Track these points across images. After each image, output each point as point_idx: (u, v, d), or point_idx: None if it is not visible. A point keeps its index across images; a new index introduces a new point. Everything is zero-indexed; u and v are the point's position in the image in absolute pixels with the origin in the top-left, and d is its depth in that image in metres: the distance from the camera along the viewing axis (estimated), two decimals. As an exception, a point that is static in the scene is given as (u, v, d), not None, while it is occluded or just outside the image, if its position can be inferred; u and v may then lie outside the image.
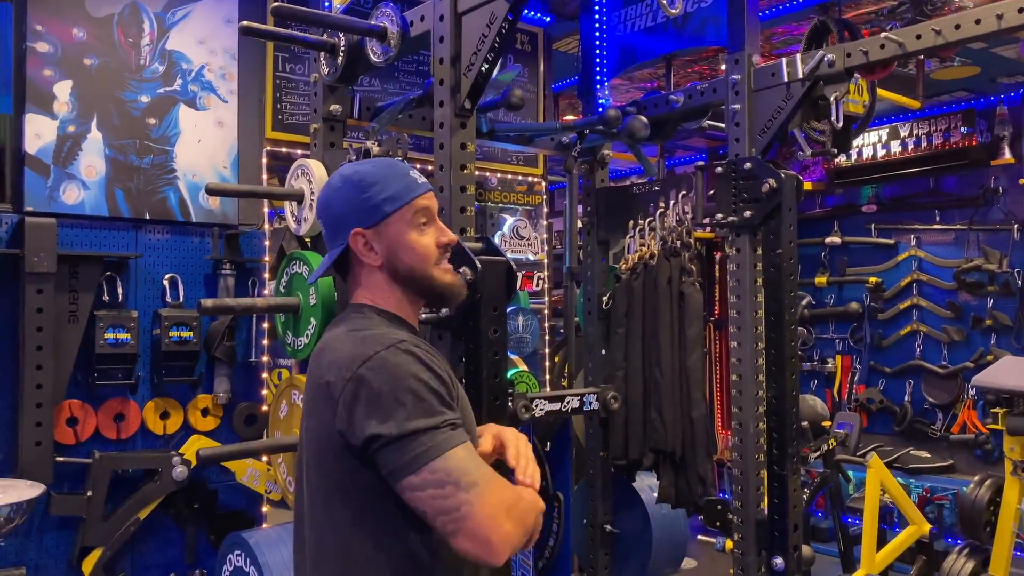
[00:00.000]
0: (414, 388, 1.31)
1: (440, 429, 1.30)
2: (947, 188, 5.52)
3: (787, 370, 2.51)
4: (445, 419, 1.31)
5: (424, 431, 1.29)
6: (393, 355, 1.34)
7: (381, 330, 1.42)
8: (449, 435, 1.30)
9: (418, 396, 1.31)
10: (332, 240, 1.53)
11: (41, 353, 2.75)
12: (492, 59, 2.04)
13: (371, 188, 1.48)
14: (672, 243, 2.79)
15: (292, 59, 3.39)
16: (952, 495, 4.83)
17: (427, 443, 1.28)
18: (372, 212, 1.48)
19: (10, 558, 2.78)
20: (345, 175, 1.52)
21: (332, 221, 1.52)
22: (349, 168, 1.53)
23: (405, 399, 1.30)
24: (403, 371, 1.33)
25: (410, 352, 1.36)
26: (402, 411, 1.29)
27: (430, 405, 1.31)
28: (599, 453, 2.99)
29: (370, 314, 1.49)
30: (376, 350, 1.34)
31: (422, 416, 1.29)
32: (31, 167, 2.85)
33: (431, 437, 1.28)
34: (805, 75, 2.51)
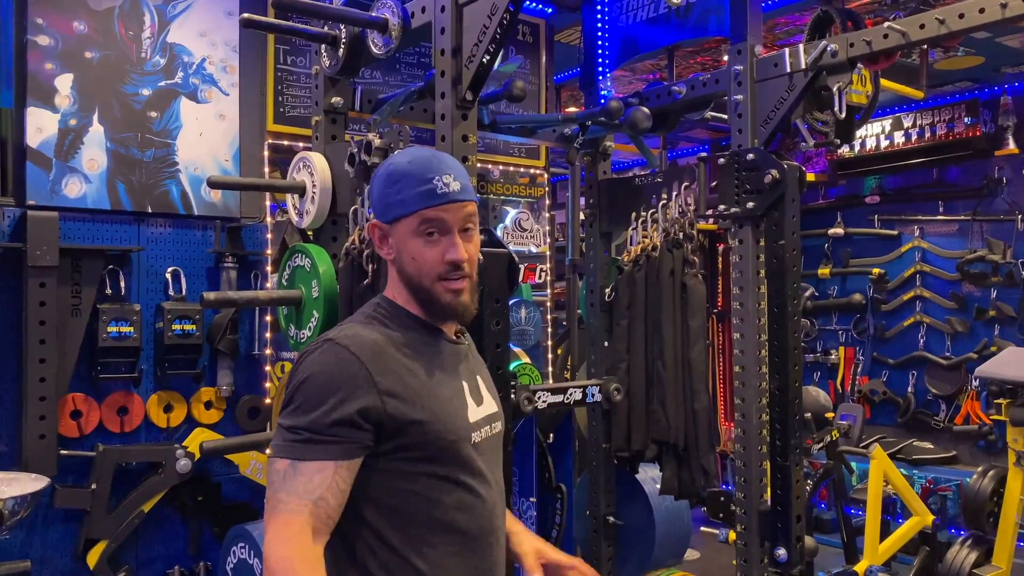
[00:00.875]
0: (298, 389, 1.35)
1: (288, 433, 1.33)
2: (951, 179, 5.50)
3: (790, 361, 2.51)
4: (304, 426, 1.32)
5: (281, 427, 1.35)
6: (317, 353, 1.38)
7: (346, 325, 1.46)
8: (290, 446, 1.32)
9: (296, 395, 1.35)
10: None
11: (44, 347, 2.75)
12: (494, 50, 2.03)
13: (393, 185, 1.46)
14: (675, 235, 2.78)
15: (293, 51, 3.38)
16: (955, 486, 4.83)
17: (276, 439, 1.35)
18: (387, 210, 1.47)
19: (15, 551, 2.79)
20: (387, 163, 1.52)
21: (371, 202, 1.55)
22: (396, 156, 1.52)
23: (289, 395, 1.36)
24: (309, 370, 1.36)
25: (330, 353, 1.37)
26: (286, 401, 1.36)
27: (302, 408, 1.34)
28: (602, 445, 2.99)
29: (372, 307, 1.50)
30: (317, 343, 1.40)
31: (289, 416, 1.34)
32: (33, 161, 2.84)
33: (279, 435, 1.34)
34: (808, 65, 2.50)
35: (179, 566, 3.13)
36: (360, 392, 1.33)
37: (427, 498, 1.40)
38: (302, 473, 1.30)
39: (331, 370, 1.34)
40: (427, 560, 1.38)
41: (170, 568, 3.11)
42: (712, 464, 2.73)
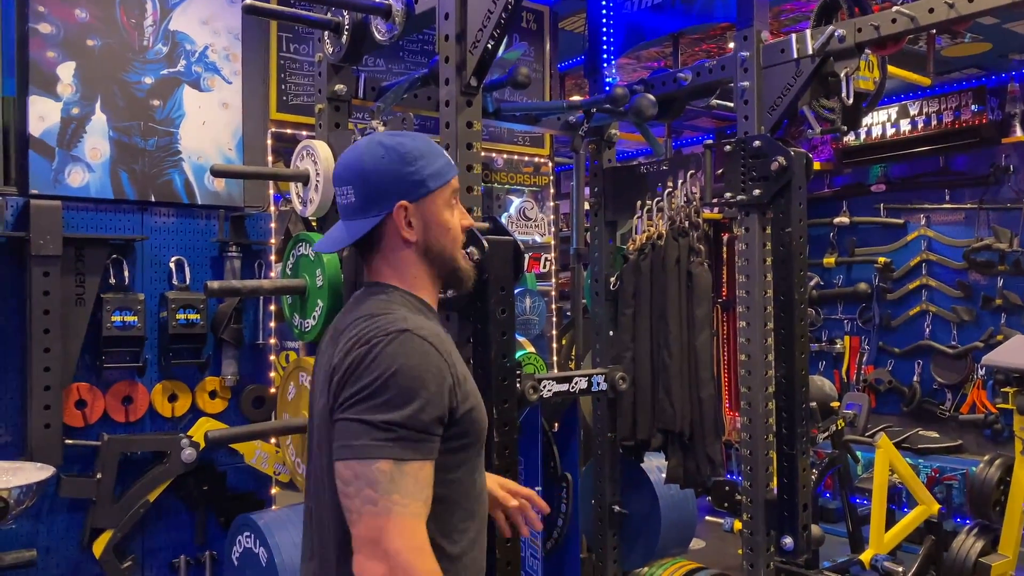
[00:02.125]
0: (388, 381, 1.26)
1: (379, 431, 1.24)
2: (957, 167, 5.47)
3: (796, 350, 2.50)
4: (397, 422, 1.24)
5: (364, 423, 1.25)
6: (396, 343, 1.30)
7: (396, 315, 1.37)
8: (385, 445, 1.23)
9: (385, 389, 1.26)
10: (365, 210, 1.45)
11: (48, 336, 2.75)
12: (498, 36, 2.02)
13: (417, 161, 1.43)
14: (680, 223, 2.77)
15: (296, 39, 3.37)
16: (961, 475, 4.82)
17: (357, 439, 1.25)
18: (417, 186, 1.43)
19: (21, 540, 2.79)
20: (387, 144, 1.44)
21: (370, 190, 1.43)
22: (388, 138, 1.46)
23: (373, 387, 1.26)
24: (393, 362, 1.27)
25: (413, 343, 1.30)
26: (363, 394, 1.26)
27: (392, 404, 1.25)
28: (607, 434, 2.99)
29: (394, 296, 1.44)
30: (379, 335, 1.31)
31: (374, 411, 1.25)
32: (36, 150, 2.83)
33: (366, 434, 1.24)
34: (815, 51, 2.48)
35: (185, 555, 3.13)
36: (446, 387, 1.31)
37: (463, 485, 1.39)
38: (408, 473, 1.24)
39: (418, 363, 1.29)
40: (458, 546, 1.38)
41: (176, 557, 3.12)
42: (718, 453, 2.73)
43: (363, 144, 1.47)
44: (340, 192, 1.47)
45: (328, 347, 1.43)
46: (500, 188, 3.98)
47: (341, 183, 1.46)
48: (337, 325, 1.46)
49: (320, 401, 1.39)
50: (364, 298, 1.46)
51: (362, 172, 1.44)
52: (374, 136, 1.49)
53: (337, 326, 1.46)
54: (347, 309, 1.49)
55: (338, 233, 1.49)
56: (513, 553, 2.00)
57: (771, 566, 2.53)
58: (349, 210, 1.46)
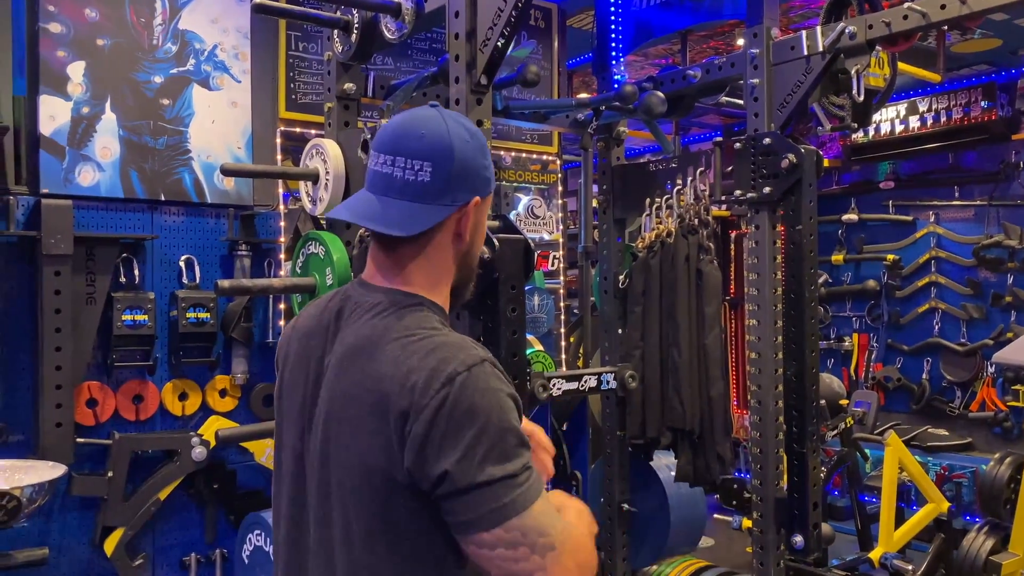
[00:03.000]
0: (502, 423, 1.12)
1: (519, 477, 1.11)
2: (967, 164, 5.44)
3: (807, 347, 2.49)
4: (525, 463, 1.13)
5: (504, 480, 1.10)
6: (483, 377, 1.13)
7: (453, 338, 1.19)
8: (528, 487, 1.12)
9: (503, 433, 1.11)
10: (440, 195, 1.23)
11: (60, 335, 2.76)
12: (508, 34, 2.01)
13: (487, 157, 1.30)
14: (690, 221, 2.76)
15: (305, 38, 3.37)
16: (971, 473, 4.80)
17: (505, 496, 1.10)
18: (487, 184, 1.29)
19: (33, 538, 2.81)
20: (470, 129, 1.28)
21: (454, 175, 1.23)
22: (465, 120, 1.30)
23: (490, 436, 1.10)
24: (494, 400, 1.13)
25: (497, 374, 1.17)
26: (481, 450, 1.10)
27: (513, 446, 1.12)
28: (616, 432, 2.99)
29: (433, 312, 1.25)
30: (460, 369, 1.12)
31: (504, 460, 1.11)
32: (46, 149, 2.84)
33: (511, 488, 1.10)
34: (825, 48, 2.47)
35: (195, 553, 3.14)
36: (520, 409, 1.21)
37: None
38: (547, 500, 1.16)
39: (509, 390, 1.17)
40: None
41: (186, 555, 3.13)
42: (727, 451, 2.72)
43: (439, 118, 1.26)
44: (407, 165, 1.22)
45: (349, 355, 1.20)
46: (508, 186, 3.97)
47: (413, 155, 1.22)
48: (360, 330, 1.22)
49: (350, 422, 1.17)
50: (390, 307, 1.23)
51: (449, 151, 1.23)
52: (446, 113, 1.28)
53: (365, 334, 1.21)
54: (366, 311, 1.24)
55: (400, 212, 1.22)
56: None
57: (781, 564, 2.53)
58: (416, 189, 1.22)
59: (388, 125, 1.28)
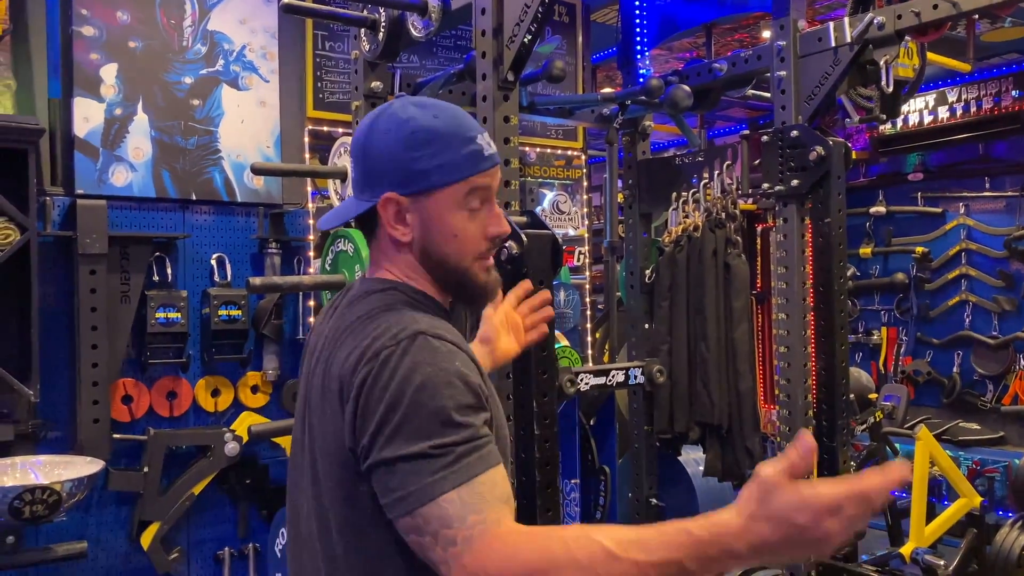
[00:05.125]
0: (420, 398, 1.04)
1: (436, 459, 1.02)
2: (997, 154, 5.37)
3: (836, 341, 2.48)
4: (450, 441, 1.03)
5: (415, 458, 1.02)
6: (412, 351, 1.07)
7: (398, 315, 1.15)
8: (449, 471, 1.02)
9: (418, 409, 1.04)
10: (361, 190, 1.23)
11: (96, 333, 2.81)
12: (535, 30, 2.02)
13: (424, 147, 1.17)
14: (717, 214, 2.76)
15: (331, 37, 3.40)
16: (1003, 467, 4.74)
17: (416, 479, 1.01)
18: (416, 178, 1.17)
19: (72, 532, 2.87)
20: (401, 116, 1.19)
21: (366, 169, 1.21)
22: (407, 108, 1.20)
23: (403, 411, 1.04)
24: (416, 374, 1.05)
25: (432, 347, 1.09)
26: (390, 426, 1.04)
27: (435, 424, 1.04)
28: (644, 427, 2.99)
29: (395, 295, 1.21)
30: (388, 344, 1.08)
31: (417, 438, 1.03)
32: (81, 150, 2.89)
33: (423, 470, 1.02)
34: (853, 39, 2.45)
35: (229, 547, 3.19)
36: (478, 384, 1.11)
37: None
38: (482, 483, 1.02)
39: (447, 364, 1.08)
40: None
41: (220, 549, 3.18)
42: (756, 446, 2.72)
43: (383, 109, 1.23)
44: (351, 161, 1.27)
45: (326, 347, 1.20)
46: (533, 182, 3.98)
47: (351, 154, 1.27)
48: (335, 323, 1.22)
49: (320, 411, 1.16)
50: (361, 295, 1.23)
51: (363, 144, 1.21)
52: (405, 100, 1.23)
53: (336, 325, 1.21)
54: (344, 303, 1.26)
55: (337, 209, 1.30)
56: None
57: (810, 559, 2.52)
58: (352, 185, 1.26)
59: None
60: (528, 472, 2.00)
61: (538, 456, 2.00)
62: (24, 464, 2.61)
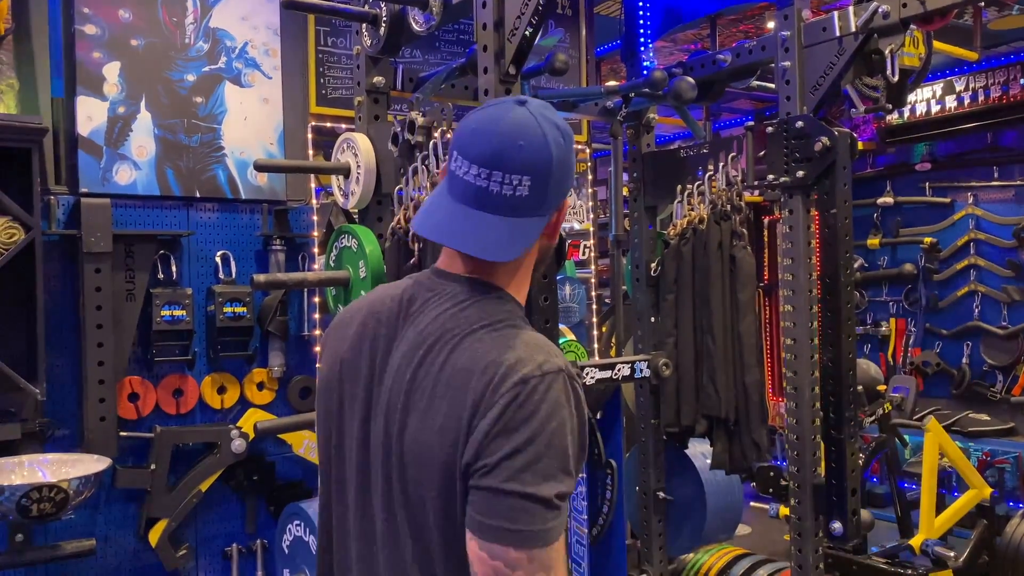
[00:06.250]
0: (555, 440, 1.05)
1: (551, 508, 1.04)
2: (1006, 143, 5.33)
3: (843, 333, 2.47)
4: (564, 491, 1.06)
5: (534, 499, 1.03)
6: (556, 389, 1.07)
7: (535, 339, 1.13)
8: (555, 524, 1.05)
9: (551, 451, 1.05)
10: (537, 208, 1.16)
11: (101, 331, 2.82)
12: (536, 22, 2.01)
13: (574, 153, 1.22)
14: (722, 206, 2.74)
15: (333, 33, 3.39)
16: (1014, 458, 4.72)
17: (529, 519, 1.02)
18: (571, 183, 1.23)
19: (80, 529, 2.88)
20: (563, 129, 1.17)
21: (552, 185, 1.15)
22: (551, 113, 1.18)
23: (537, 448, 1.04)
24: (557, 415, 1.06)
25: (569, 391, 1.09)
26: (523, 458, 1.04)
27: (556, 469, 1.05)
28: (650, 421, 2.98)
29: (512, 305, 1.19)
30: (537, 373, 1.07)
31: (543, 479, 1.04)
32: (84, 149, 2.90)
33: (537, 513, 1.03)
34: (858, 28, 2.43)
35: (237, 543, 3.20)
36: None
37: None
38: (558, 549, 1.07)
39: (577, 415, 1.09)
40: None
41: (228, 545, 3.19)
42: (763, 438, 2.70)
43: (535, 124, 1.14)
44: (505, 180, 1.13)
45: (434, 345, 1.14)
46: (538, 176, 3.97)
47: (513, 170, 1.12)
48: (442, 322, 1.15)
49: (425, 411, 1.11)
50: (471, 299, 1.17)
51: (548, 163, 1.14)
52: (538, 113, 1.16)
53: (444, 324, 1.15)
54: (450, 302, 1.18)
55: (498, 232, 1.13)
56: (560, 539, 2.01)
57: (819, 551, 2.51)
58: (514, 203, 1.13)
59: (478, 128, 1.16)
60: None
61: (543, 451, 1.99)
62: (31, 462, 2.62)
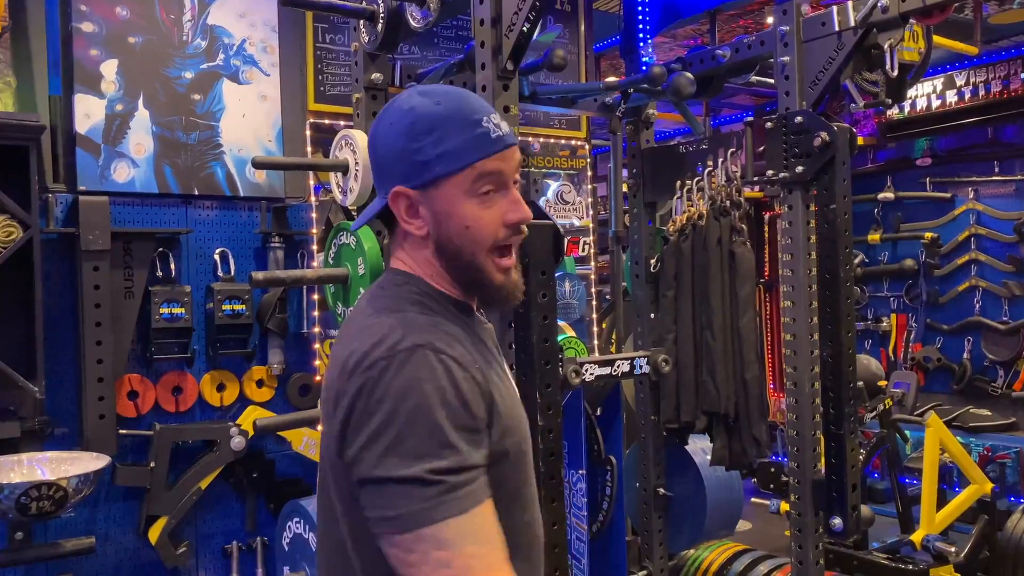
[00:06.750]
0: (417, 417, 1.01)
1: (432, 486, 1.00)
2: (1006, 138, 5.32)
3: (843, 328, 2.46)
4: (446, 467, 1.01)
5: (408, 482, 1.00)
6: (411, 365, 1.04)
7: (400, 319, 1.11)
8: (445, 499, 1.00)
9: (414, 428, 1.01)
10: (379, 186, 1.22)
11: (100, 329, 2.81)
12: (534, 18, 2.00)
13: (425, 136, 1.13)
14: (721, 202, 2.73)
15: (332, 29, 3.38)
16: (1015, 453, 4.72)
17: (407, 502, 1.00)
18: (420, 169, 1.13)
19: (80, 527, 2.88)
20: (405, 107, 1.16)
21: (377, 164, 1.20)
22: (412, 97, 1.17)
23: (397, 429, 1.01)
24: (414, 391, 1.02)
25: (431, 364, 1.05)
26: (384, 442, 1.01)
27: (429, 446, 1.01)
28: (650, 417, 2.98)
29: (407, 290, 1.18)
30: (386, 353, 1.05)
31: (412, 459, 1.00)
32: (82, 147, 2.89)
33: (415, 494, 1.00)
34: (857, 23, 2.42)
35: (237, 541, 3.20)
36: (483, 404, 1.08)
37: (509, 527, 1.10)
38: (475, 516, 1.02)
39: (445, 385, 1.04)
40: None
41: (228, 543, 3.19)
42: (763, 434, 2.70)
43: (391, 102, 1.20)
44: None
45: (338, 342, 1.19)
46: (537, 172, 3.96)
47: (368, 152, 1.25)
48: (350, 315, 1.22)
49: (328, 421, 1.13)
50: (377, 288, 1.21)
51: (372, 140, 1.20)
52: (412, 90, 1.20)
53: (349, 317, 1.21)
54: (363, 296, 1.25)
55: (365, 209, 1.28)
56: (559, 536, 2.01)
57: (820, 547, 2.51)
58: (375, 183, 1.24)
59: None
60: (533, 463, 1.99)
61: (542, 447, 1.99)
62: (31, 460, 2.62)
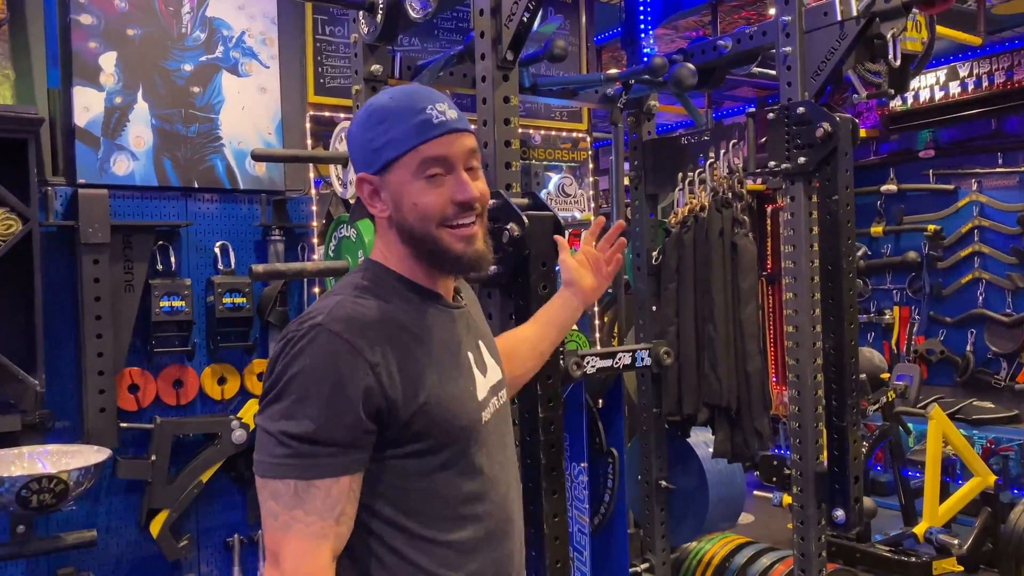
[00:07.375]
0: (298, 384, 1.14)
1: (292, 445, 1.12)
2: (1010, 129, 5.30)
3: (845, 320, 2.45)
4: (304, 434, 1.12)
5: (277, 436, 1.13)
6: (307, 342, 1.16)
7: (328, 301, 1.23)
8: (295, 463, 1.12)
9: (289, 393, 1.14)
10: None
11: (100, 322, 2.81)
12: (533, 8, 1.99)
13: (377, 127, 1.26)
14: (723, 194, 2.72)
15: (331, 21, 3.37)
16: (1018, 446, 4.71)
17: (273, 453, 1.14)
18: (374, 157, 1.26)
19: (82, 520, 2.88)
20: (366, 107, 1.30)
21: (351, 159, 1.34)
22: (376, 98, 1.30)
23: (280, 388, 1.15)
24: (301, 362, 1.15)
25: (323, 344, 1.16)
26: (271, 395, 1.16)
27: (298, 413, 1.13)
28: (652, 409, 2.97)
29: (362, 275, 1.30)
30: (298, 330, 1.18)
31: (285, 417, 1.13)
32: (81, 140, 2.88)
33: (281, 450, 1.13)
34: (860, 12, 2.40)
35: (238, 534, 3.19)
36: (363, 389, 1.15)
37: (437, 495, 1.23)
38: (317, 487, 1.13)
39: (327, 365, 1.14)
40: (439, 561, 1.23)
41: (230, 536, 3.18)
42: (765, 427, 2.69)
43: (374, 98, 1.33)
44: None
45: None
46: (538, 164, 3.95)
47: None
48: None
49: None
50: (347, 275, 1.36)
51: (348, 137, 1.35)
52: (383, 90, 1.38)
53: None
54: None
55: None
56: (561, 528, 2.00)
57: (822, 539, 2.50)
58: None
59: None
60: (533, 455, 1.99)
61: (543, 439, 1.99)
62: (31, 454, 2.62)
